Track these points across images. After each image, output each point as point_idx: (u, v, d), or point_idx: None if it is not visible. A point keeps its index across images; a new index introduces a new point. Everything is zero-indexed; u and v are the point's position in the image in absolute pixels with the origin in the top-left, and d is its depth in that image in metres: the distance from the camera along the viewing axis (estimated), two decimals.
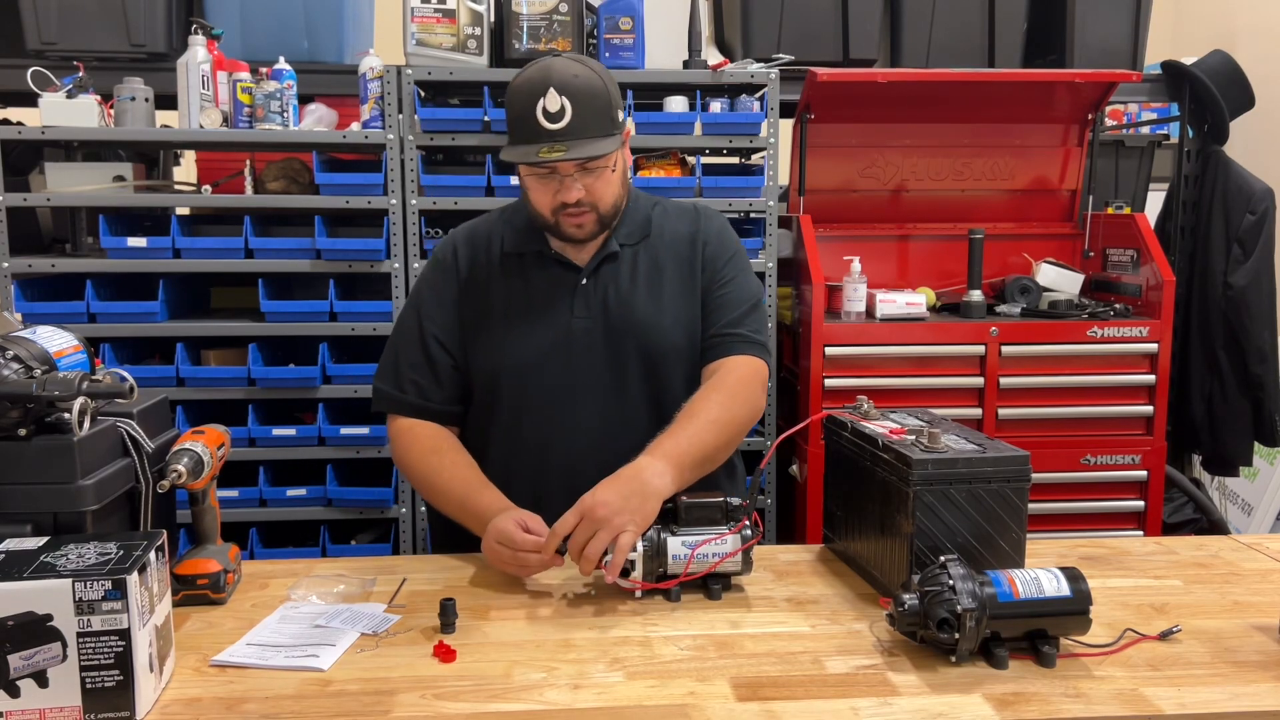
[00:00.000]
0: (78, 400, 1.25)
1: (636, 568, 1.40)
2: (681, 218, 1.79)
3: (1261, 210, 3.03)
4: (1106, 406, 2.78)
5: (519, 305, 1.70)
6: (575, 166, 1.59)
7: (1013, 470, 1.34)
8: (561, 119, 1.55)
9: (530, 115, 1.55)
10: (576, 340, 1.67)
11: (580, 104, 1.56)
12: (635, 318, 1.68)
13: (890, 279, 3.02)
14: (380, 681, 1.19)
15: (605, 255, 1.70)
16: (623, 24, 2.70)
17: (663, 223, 1.76)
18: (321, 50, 2.85)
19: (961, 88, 2.94)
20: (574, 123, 1.55)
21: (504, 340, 1.69)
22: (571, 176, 1.59)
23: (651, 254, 1.73)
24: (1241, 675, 1.21)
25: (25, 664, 1.04)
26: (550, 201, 1.62)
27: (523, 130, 1.57)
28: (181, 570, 1.40)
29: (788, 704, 1.14)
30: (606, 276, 1.70)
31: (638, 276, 1.71)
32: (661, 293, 1.71)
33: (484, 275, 1.73)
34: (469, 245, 1.76)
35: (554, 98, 1.55)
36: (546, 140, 1.55)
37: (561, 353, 1.67)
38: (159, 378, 2.62)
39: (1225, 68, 3.15)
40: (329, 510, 2.73)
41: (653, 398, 1.69)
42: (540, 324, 1.68)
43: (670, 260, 1.73)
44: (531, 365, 1.67)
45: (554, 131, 1.55)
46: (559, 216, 1.63)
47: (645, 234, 1.74)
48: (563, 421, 1.67)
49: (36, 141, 2.65)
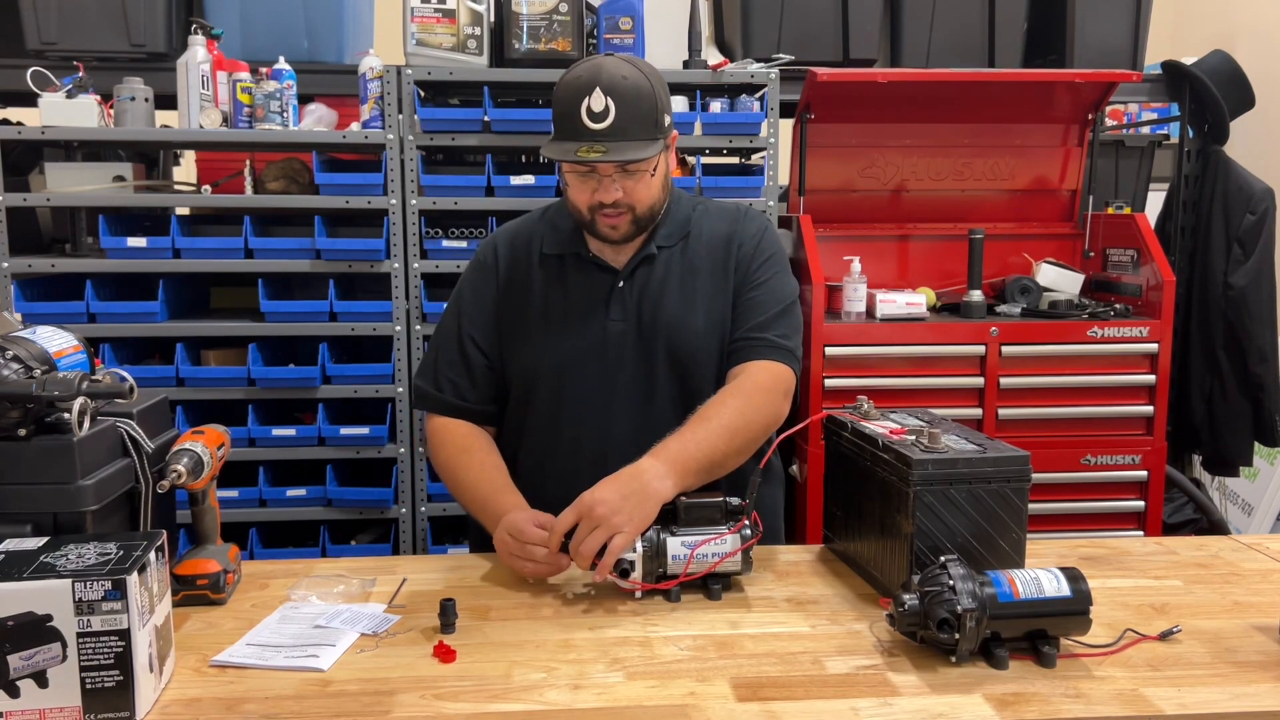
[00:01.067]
0: (78, 400, 1.25)
1: (636, 568, 1.40)
2: (722, 218, 1.77)
3: (1261, 210, 3.03)
4: (1107, 406, 2.77)
5: (557, 308, 1.70)
6: (615, 168, 1.59)
7: (1013, 470, 1.34)
8: (605, 119, 1.55)
9: (575, 113, 1.56)
10: (611, 343, 1.68)
11: (625, 106, 1.55)
12: (666, 319, 1.68)
13: (890, 279, 3.02)
14: (380, 682, 1.19)
15: (642, 258, 1.70)
16: (623, 24, 2.70)
17: (702, 223, 1.75)
18: (321, 50, 2.85)
19: (961, 88, 2.94)
20: (617, 124, 1.55)
21: (541, 343, 1.69)
22: (610, 177, 1.59)
23: (688, 255, 1.72)
24: (1241, 675, 1.21)
25: (25, 664, 1.04)
26: (588, 200, 1.62)
27: (566, 127, 1.58)
28: (181, 570, 1.40)
29: (788, 704, 1.14)
30: (642, 279, 1.70)
31: (671, 278, 1.70)
32: (695, 294, 1.70)
33: (523, 277, 1.73)
34: (510, 246, 1.76)
35: (599, 97, 1.55)
36: (588, 139, 1.55)
37: (596, 356, 1.67)
38: (159, 378, 2.62)
39: (1225, 68, 3.15)
40: (329, 510, 2.72)
41: (683, 400, 1.68)
42: (576, 327, 1.69)
43: (705, 262, 1.72)
44: (567, 368, 1.68)
45: (596, 131, 1.55)
46: (595, 215, 1.63)
47: (683, 235, 1.74)
48: (596, 423, 1.67)
49: (36, 141, 2.65)
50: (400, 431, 2.72)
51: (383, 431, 2.71)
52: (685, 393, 1.68)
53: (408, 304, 2.69)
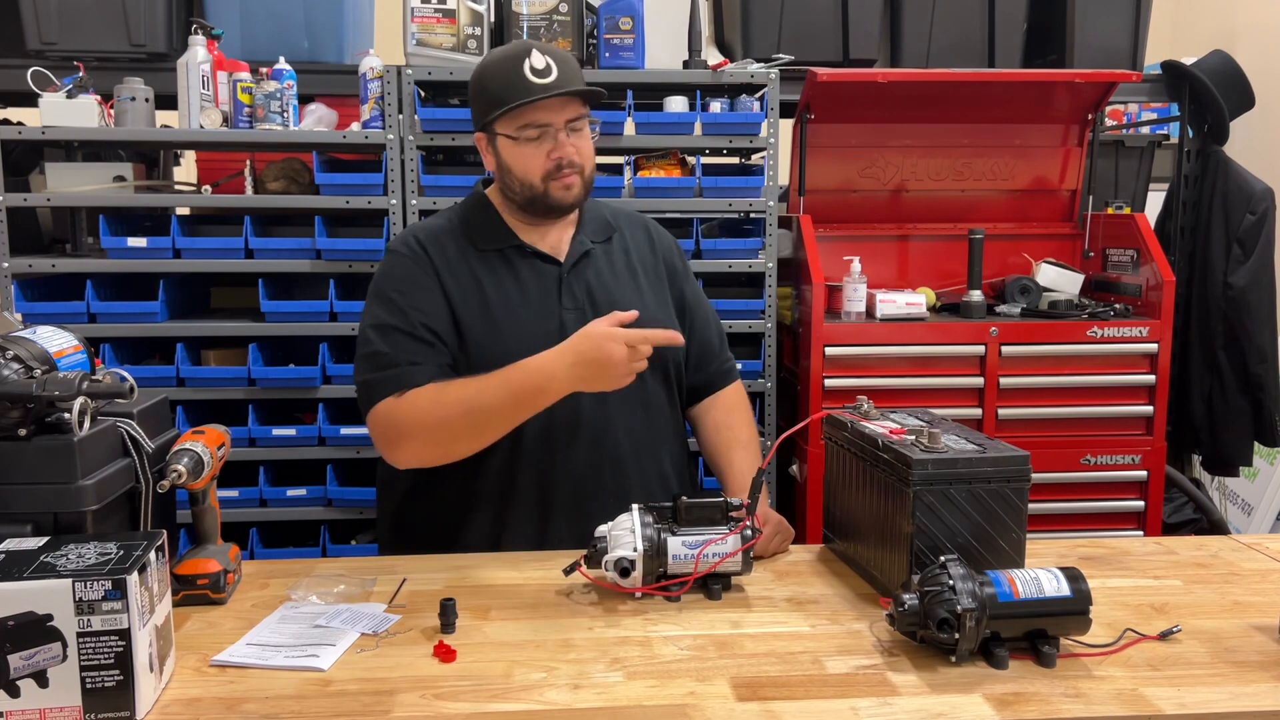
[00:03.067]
0: (78, 400, 1.25)
1: (636, 568, 1.40)
2: (634, 225, 1.89)
3: (1261, 210, 3.03)
4: (1106, 406, 2.77)
5: (512, 296, 1.72)
6: (564, 122, 1.65)
7: (1013, 470, 1.34)
8: (549, 74, 1.63)
9: (518, 75, 1.62)
10: (568, 330, 1.66)
11: (563, 64, 1.66)
12: (622, 307, 1.67)
13: (890, 279, 3.02)
14: (380, 681, 1.19)
15: (583, 252, 1.76)
16: (623, 24, 2.70)
17: (619, 226, 1.86)
18: (321, 50, 2.85)
19: (961, 88, 2.94)
20: (561, 77, 1.63)
21: (506, 329, 1.69)
22: (564, 132, 1.65)
23: (621, 253, 1.82)
24: (1241, 675, 1.21)
25: (25, 664, 1.04)
26: (543, 164, 1.66)
27: (512, 91, 1.62)
28: (181, 570, 1.40)
29: (788, 704, 1.14)
30: (586, 270, 1.76)
31: (616, 272, 1.79)
32: (640, 289, 1.79)
33: (464, 269, 1.72)
34: (434, 243, 1.74)
35: (539, 56, 1.64)
36: (541, 90, 1.62)
37: (556, 341, 1.65)
38: (159, 378, 2.62)
39: (1225, 68, 3.15)
40: (329, 510, 2.72)
41: (642, 389, 1.71)
42: (533, 313, 1.71)
43: (638, 262, 1.82)
44: (532, 350, 1.64)
45: (546, 85, 1.62)
46: (549, 182, 1.67)
47: (609, 234, 1.82)
48: (563, 410, 1.65)
49: (37, 141, 2.65)
50: None
51: None
52: (640, 382, 1.64)
53: None
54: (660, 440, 1.78)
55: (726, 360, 1.91)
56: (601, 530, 1.44)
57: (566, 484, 1.69)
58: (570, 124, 1.66)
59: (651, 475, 1.76)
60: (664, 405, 1.80)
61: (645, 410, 1.75)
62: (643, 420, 1.75)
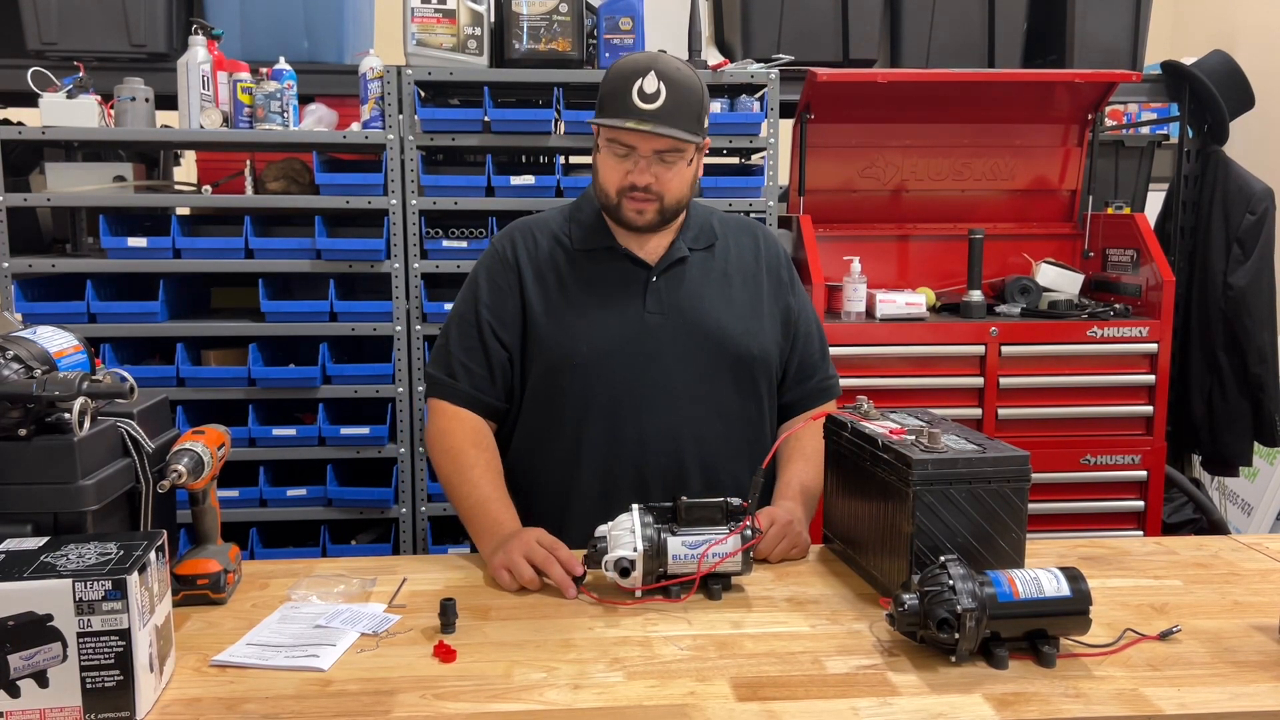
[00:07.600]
0: (78, 400, 1.25)
1: (636, 568, 1.40)
2: (741, 232, 1.84)
3: (1261, 210, 3.03)
4: (1106, 406, 2.78)
5: (592, 296, 1.71)
6: (652, 152, 1.62)
7: (1013, 470, 1.34)
8: (655, 101, 1.60)
9: (626, 92, 1.60)
10: (649, 335, 1.69)
11: (675, 93, 1.60)
12: (708, 320, 1.71)
13: (890, 279, 3.02)
14: (380, 681, 1.19)
15: (676, 258, 1.73)
16: (623, 24, 2.70)
17: (725, 233, 1.81)
18: (321, 50, 2.85)
19: (961, 88, 2.94)
20: (665, 108, 1.60)
21: (577, 328, 1.69)
22: (647, 160, 1.63)
23: (719, 263, 1.77)
24: (1241, 675, 1.21)
25: (25, 664, 1.04)
26: (619, 180, 1.65)
27: (615, 105, 1.62)
28: (181, 570, 1.40)
29: (788, 704, 1.14)
30: (677, 277, 1.73)
31: (709, 281, 1.75)
32: (732, 301, 1.75)
33: (552, 266, 1.73)
34: (531, 238, 1.77)
35: (653, 80, 1.60)
36: (635, 117, 1.60)
37: (634, 344, 1.68)
38: (159, 378, 2.62)
39: (1225, 68, 3.15)
40: (329, 510, 2.73)
41: (719, 399, 1.71)
42: (613, 314, 1.70)
43: (737, 273, 1.78)
44: (605, 353, 1.68)
45: (644, 111, 1.60)
46: (623, 198, 1.66)
47: (710, 242, 1.78)
48: (630, 414, 1.68)
49: (37, 141, 2.65)
50: (400, 431, 2.73)
51: (383, 431, 2.71)
52: (723, 392, 1.72)
53: (408, 304, 2.69)
54: (738, 454, 1.74)
55: (828, 377, 1.85)
56: (601, 530, 1.44)
57: (628, 486, 1.67)
58: (659, 154, 1.63)
59: (724, 488, 1.68)
60: (748, 418, 1.76)
61: (722, 421, 1.72)
62: (718, 432, 1.72)
